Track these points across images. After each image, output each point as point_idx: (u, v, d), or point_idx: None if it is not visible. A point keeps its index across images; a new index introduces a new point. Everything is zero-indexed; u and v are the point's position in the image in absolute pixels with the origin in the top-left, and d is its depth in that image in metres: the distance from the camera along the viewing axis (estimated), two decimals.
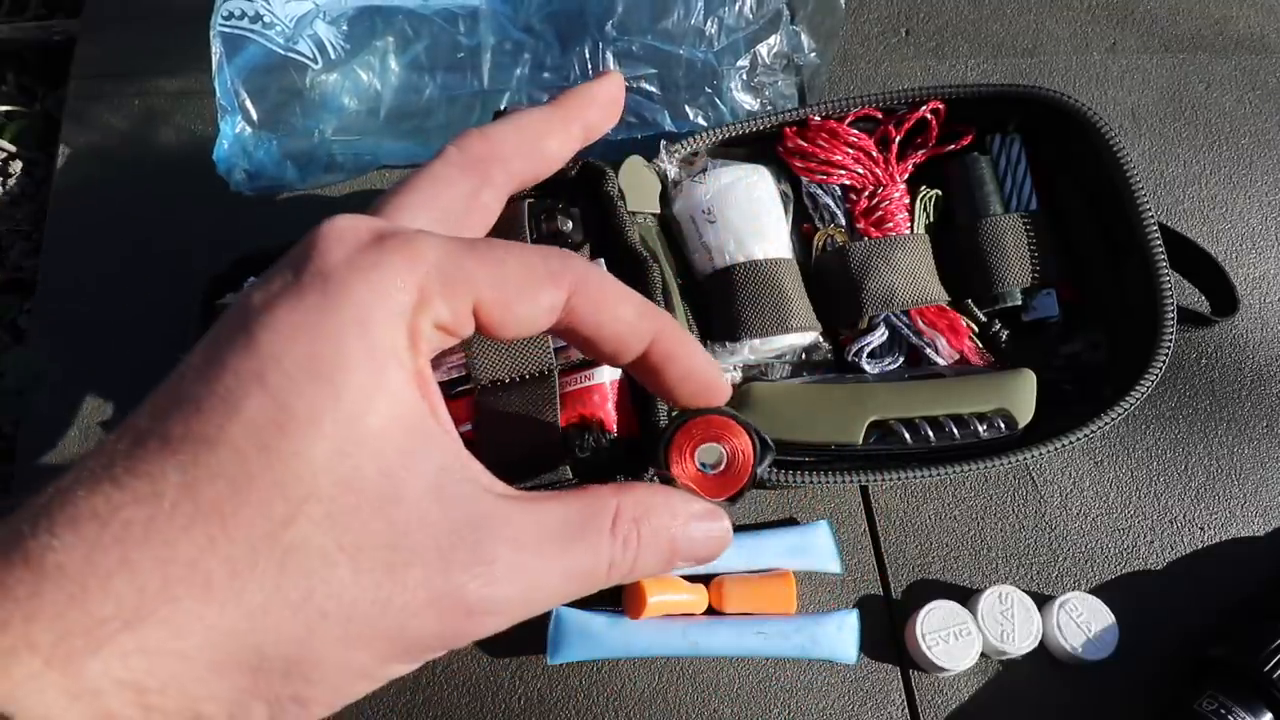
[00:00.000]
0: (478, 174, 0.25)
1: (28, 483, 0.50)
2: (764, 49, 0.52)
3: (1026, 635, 0.46)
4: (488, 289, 0.21)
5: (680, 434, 0.36)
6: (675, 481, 0.35)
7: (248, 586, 0.18)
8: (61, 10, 0.67)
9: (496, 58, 0.52)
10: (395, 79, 0.52)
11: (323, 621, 0.18)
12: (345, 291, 0.19)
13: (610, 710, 0.46)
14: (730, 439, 0.36)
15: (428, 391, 0.21)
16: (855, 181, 0.50)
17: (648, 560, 0.24)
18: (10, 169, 0.59)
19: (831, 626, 0.46)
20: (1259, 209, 0.57)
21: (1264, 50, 0.61)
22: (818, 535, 0.48)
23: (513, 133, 0.26)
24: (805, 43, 0.53)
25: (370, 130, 0.51)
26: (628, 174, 0.49)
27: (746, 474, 0.35)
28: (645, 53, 0.51)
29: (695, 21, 0.51)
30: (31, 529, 0.17)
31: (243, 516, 0.18)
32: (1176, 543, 0.50)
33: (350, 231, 0.21)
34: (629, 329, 0.24)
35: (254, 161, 0.49)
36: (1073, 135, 0.50)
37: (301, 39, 0.50)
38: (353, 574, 0.19)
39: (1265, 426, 0.52)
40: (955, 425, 0.45)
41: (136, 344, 0.53)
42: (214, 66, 0.49)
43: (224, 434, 0.18)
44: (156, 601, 0.17)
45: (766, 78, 0.53)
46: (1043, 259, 0.49)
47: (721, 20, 0.51)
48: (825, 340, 0.50)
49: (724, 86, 0.52)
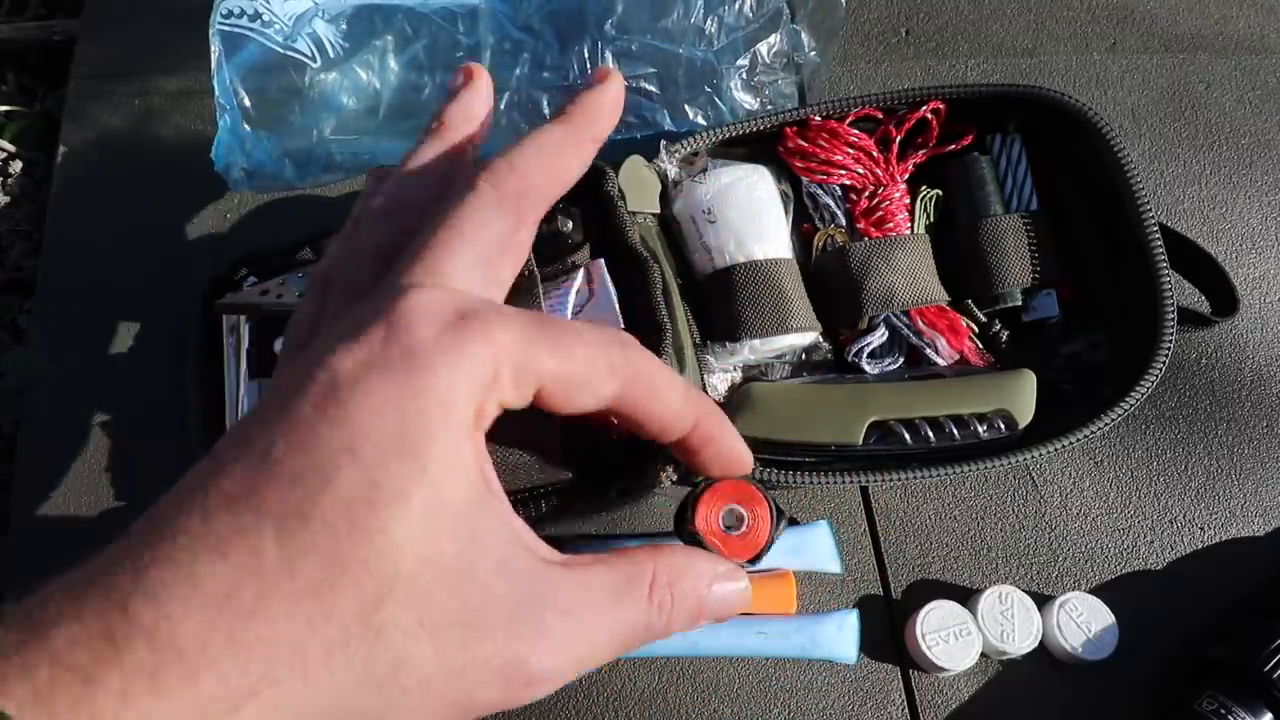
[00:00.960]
0: (514, 213, 0.25)
1: (28, 482, 0.50)
2: (764, 48, 0.52)
3: (1026, 635, 0.46)
4: (553, 380, 0.23)
5: (707, 494, 0.40)
6: (699, 537, 0.39)
7: (340, 665, 0.18)
8: (61, 10, 0.67)
9: (496, 57, 0.52)
10: (394, 78, 0.52)
11: (403, 696, 0.19)
12: (432, 371, 0.20)
13: (610, 710, 0.46)
14: (751, 505, 0.40)
15: (485, 464, 0.22)
16: (855, 181, 0.50)
17: (678, 621, 0.26)
18: (10, 169, 0.59)
19: (831, 627, 0.46)
20: (1259, 209, 0.57)
21: (1264, 50, 0.61)
22: (818, 535, 0.48)
23: (538, 161, 0.26)
24: (805, 41, 0.53)
25: (369, 129, 0.51)
26: (628, 174, 0.49)
27: (764, 539, 0.40)
28: (645, 52, 0.51)
29: (695, 20, 0.51)
30: (136, 590, 0.17)
31: (339, 596, 0.18)
32: (1176, 543, 0.50)
33: (436, 307, 0.21)
34: (675, 415, 0.27)
35: (252, 160, 0.49)
36: (1073, 135, 0.49)
37: (300, 37, 0.50)
38: (432, 650, 0.19)
39: (1265, 426, 0.52)
40: (955, 426, 0.45)
41: (136, 344, 0.53)
42: (213, 64, 0.49)
43: (317, 508, 0.18)
44: (262, 684, 0.17)
45: (766, 77, 0.53)
46: (1043, 259, 0.49)
47: (721, 19, 0.51)
48: (825, 340, 0.50)
49: (724, 86, 0.52)
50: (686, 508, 0.40)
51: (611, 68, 0.32)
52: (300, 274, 0.50)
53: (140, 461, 0.51)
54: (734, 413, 0.47)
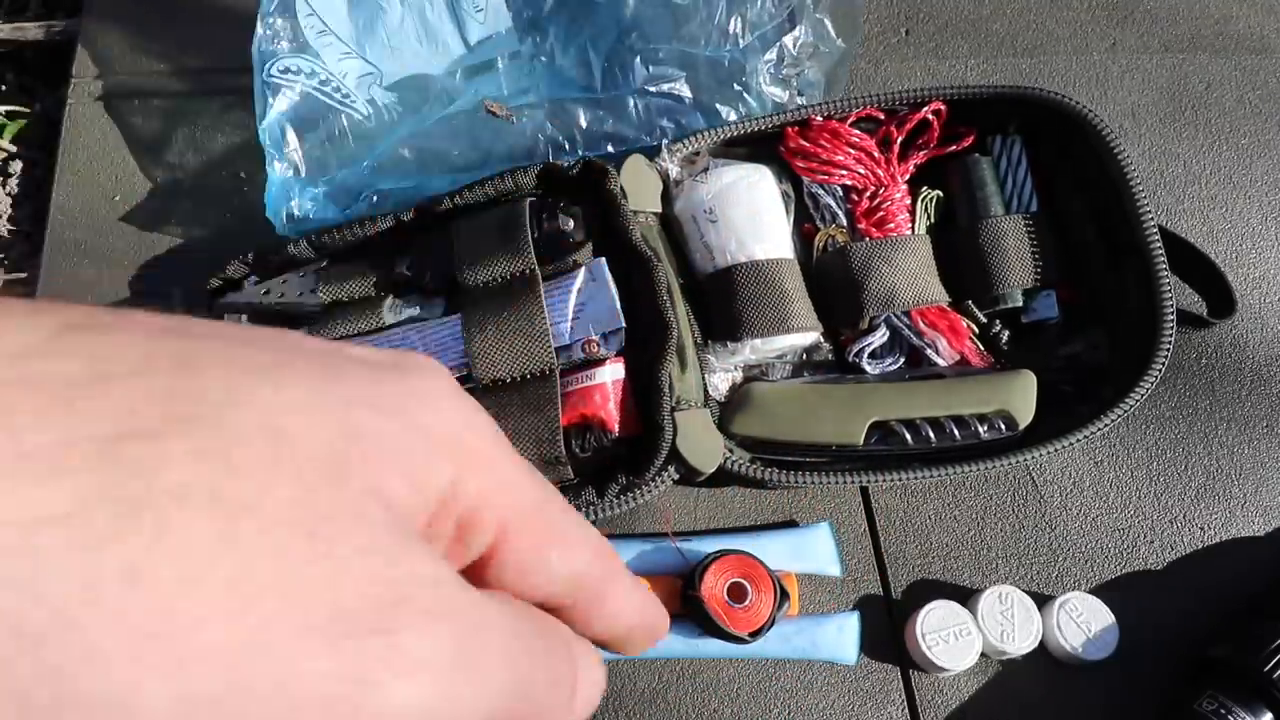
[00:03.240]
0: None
1: None
2: (790, 40, 0.52)
3: (1026, 635, 0.46)
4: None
5: (717, 564, 0.42)
6: (702, 603, 0.41)
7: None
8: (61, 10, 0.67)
9: (529, 88, 0.53)
10: (436, 126, 0.53)
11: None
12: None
13: (610, 710, 0.46)
14: (758, 583, 0.41)
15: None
16: (857, 182, 0.50)
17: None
18: (10, 169, 0.59)
19: (832, 629, 0.46)
20: (1259, 209, 0.57)
21: (1264, 50, 0.61)
22: (818, 538, 0.48)
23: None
24: (830, 29, 0.53)
25: (411, 171, 0.52)
26: (629, 173, 0.49)
27: (765, 618, 0.43)
28: (671, 58, 0.51)
29: (719, 22, 0.51)
30: None
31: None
32: (1176, 543, 0.50)
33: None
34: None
35: (301, 207, 0.51)
36: (1073, 136, 0.50)
37: (358, 98, 0.52)
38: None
39: (1265, 426, 0.52)
40: (956, 426, 0.45)
41: None
42: (263, 116, 0.51)
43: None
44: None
45: (793, 69, 0.53)
46: (1043, 260, 0.49)
47: (745, 17, 0.51)
48: (826, 340, 0.50)
49: (752, 82, 0.52)
50: (695, 571, 0.43)
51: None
52: (301, 273, 0.50)
53: None
54: (734, 412, 0.47)
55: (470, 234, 0.47)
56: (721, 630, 0.43)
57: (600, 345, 0.45)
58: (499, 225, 0.47)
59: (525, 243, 0.46)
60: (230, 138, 0.58)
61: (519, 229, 0.46)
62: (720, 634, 0.43)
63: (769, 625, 0.43)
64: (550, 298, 0.45)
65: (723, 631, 0.43)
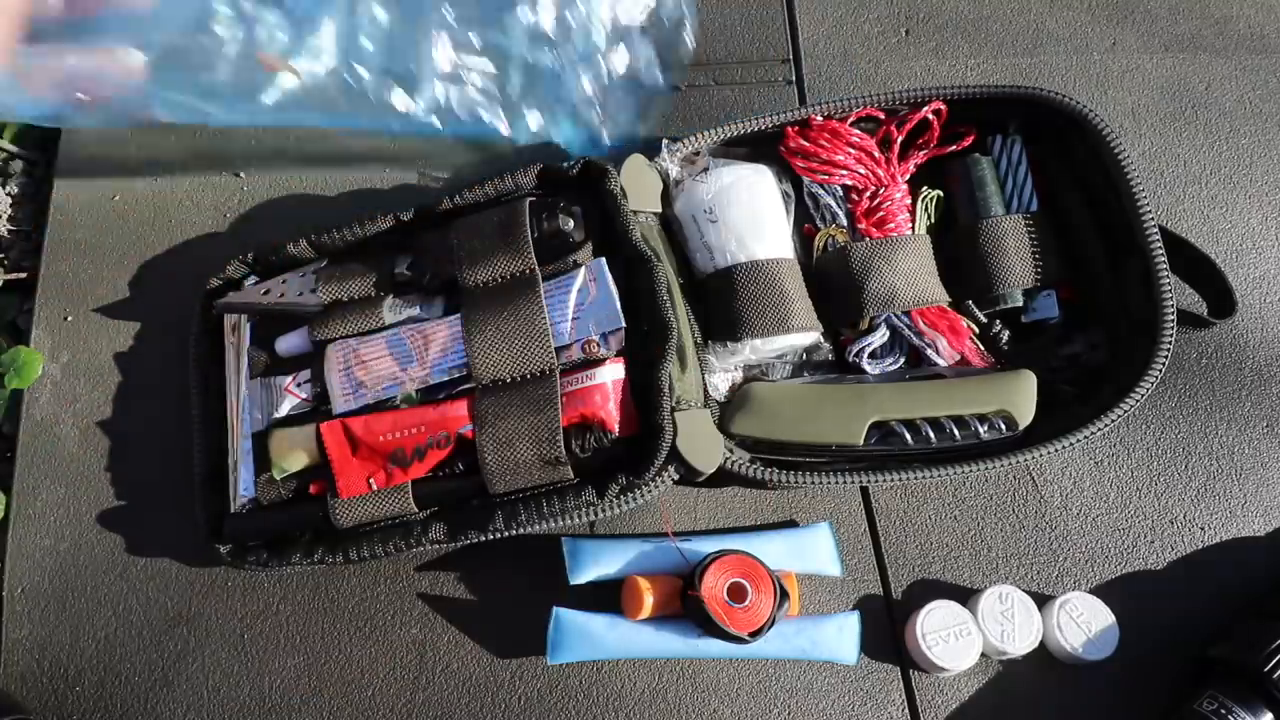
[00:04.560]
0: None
1: (28, 482, 0.50)
2: (617, 61, 0.50)
3: (1026, 635, 0.46)
4: None
5: (716, 564, 0.42)
6: (702, 602, 0.41)
7: None
8: None
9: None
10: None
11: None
12: None
13: (610, 710, 0.46)
14: (758, 583, 0.41)
15: None
16: (857, 182, 0.50)
17: None
18: (10, 169, 0.59)
19: (832, 629, 0.46)
20: (1259, 209, 0.57)
21: (1264, 50, 0.61)
22: (818, 538, 0.48)
23: None
24: (655, 65, 0.51)
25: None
26: (629, 173, 0.49)
27: (765, 618, 0.42)
28: (485, 47, 0.48)
29: (540, 24, 0.49)
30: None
31: None
32: (1176, 543, 0.50)
33: None
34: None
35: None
36: (1073, 136, 0.50)
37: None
38: None
39: (1265, 426, 0.52)
40: (956, 426, 0.45)
41: (137, 343, 0.53)
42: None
43: None
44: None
45: (610, 94, 0.51)
46: (1043, 260, 0.49)
47: (570, 30, 0.49)
48: (826, 340, 0.50)
49: (567, 98, 0.50)
50: (696, 570, 0.43)
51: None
52: (300, 273, 0.50)
53: (140, 461, 0.51)
54: (734, 412, 0.47)
55: (470, 234, 0.47)
56: (721, 630, 0.43)
57: (600, 345, 0.45)
58: (499, 225, 0.47)
59: (525, 242, 0.46)
60: (230, 138, 0.58)
61: (519, 228, 0.46)
62: (720, 634, 0.43)
63: (769, 625, 0.43)
64: (550, 298, 0.45)
65: (723, 631, 0.43)
